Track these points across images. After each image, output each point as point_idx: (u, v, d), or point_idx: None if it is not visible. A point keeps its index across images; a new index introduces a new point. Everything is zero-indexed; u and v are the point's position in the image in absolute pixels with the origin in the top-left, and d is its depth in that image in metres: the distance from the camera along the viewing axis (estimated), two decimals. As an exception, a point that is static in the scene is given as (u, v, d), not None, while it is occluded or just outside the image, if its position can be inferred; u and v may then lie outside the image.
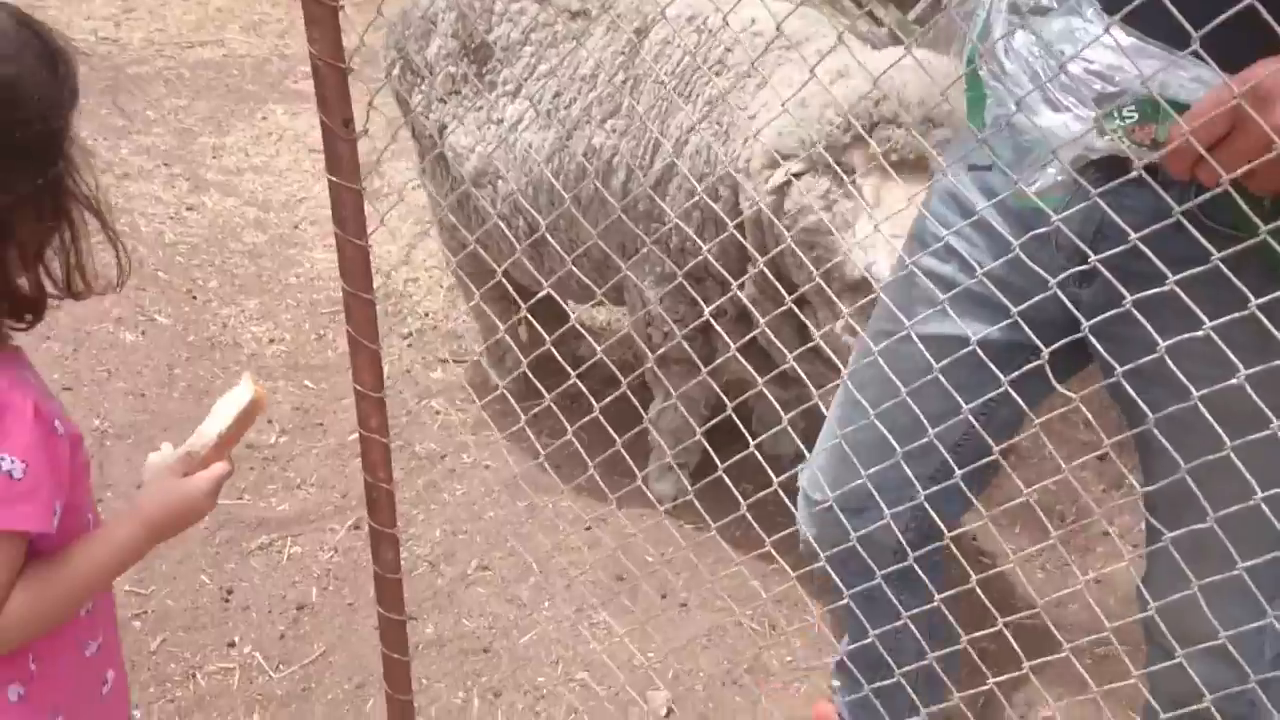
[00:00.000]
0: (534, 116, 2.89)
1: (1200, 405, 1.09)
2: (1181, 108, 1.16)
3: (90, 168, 1.25)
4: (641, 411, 3.06)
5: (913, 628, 1.44)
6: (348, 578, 2.89)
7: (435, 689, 2.59)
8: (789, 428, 1.58)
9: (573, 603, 2.81)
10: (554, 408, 2.01)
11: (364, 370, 1.72)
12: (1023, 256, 1.25)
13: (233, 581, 2.84)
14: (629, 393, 1.89)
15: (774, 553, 1.66)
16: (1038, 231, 1.27)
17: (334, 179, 1.55)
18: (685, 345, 2.65)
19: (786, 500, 1.71)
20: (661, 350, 2.82)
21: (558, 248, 2.86)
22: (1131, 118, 1.20)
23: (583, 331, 2.08)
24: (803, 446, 1.82)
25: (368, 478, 1.82)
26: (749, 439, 1.63)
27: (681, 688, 2.60)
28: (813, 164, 2.28)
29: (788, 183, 2.29)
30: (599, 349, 1.78)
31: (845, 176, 2.23)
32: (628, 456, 1.94)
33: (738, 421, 1.74)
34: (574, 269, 2.80)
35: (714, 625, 2.77)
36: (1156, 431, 1.17)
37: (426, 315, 3.94)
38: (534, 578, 2.89)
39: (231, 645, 2.69)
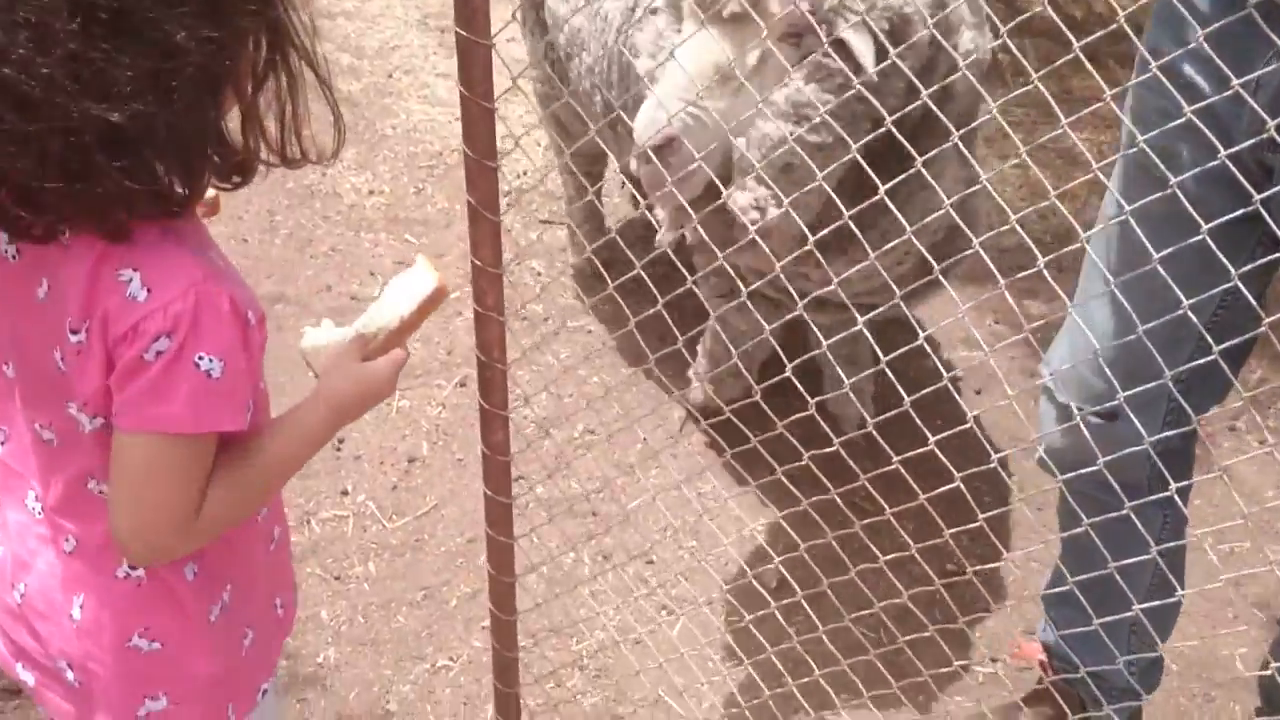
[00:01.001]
0: None
1: None
2: None
3: (308, 6, 1.15)
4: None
5: (1157, 557, 1.37)
6: (456, 434, 2.90)
7: (547, 548, 2.61)
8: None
9: (680, 471, 2.81)
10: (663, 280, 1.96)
11: (483, 244, 1.60)
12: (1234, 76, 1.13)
13: (344, 431, 2.86)
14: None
15: (932, 445, 1.60)
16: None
17: (464, 33, 1.42)
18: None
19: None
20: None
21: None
22: None
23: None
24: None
25: (481, 356, 1.74)
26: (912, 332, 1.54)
27: (790, 562, 2.61)
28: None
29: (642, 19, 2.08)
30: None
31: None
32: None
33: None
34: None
35: (824, 504, 2.75)
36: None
37: (524, 174, 3.86)
38: (640, 444, 2.88)
39: (345, 493, 2.73)
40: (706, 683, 2.20)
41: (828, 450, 1.61)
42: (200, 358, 1.12)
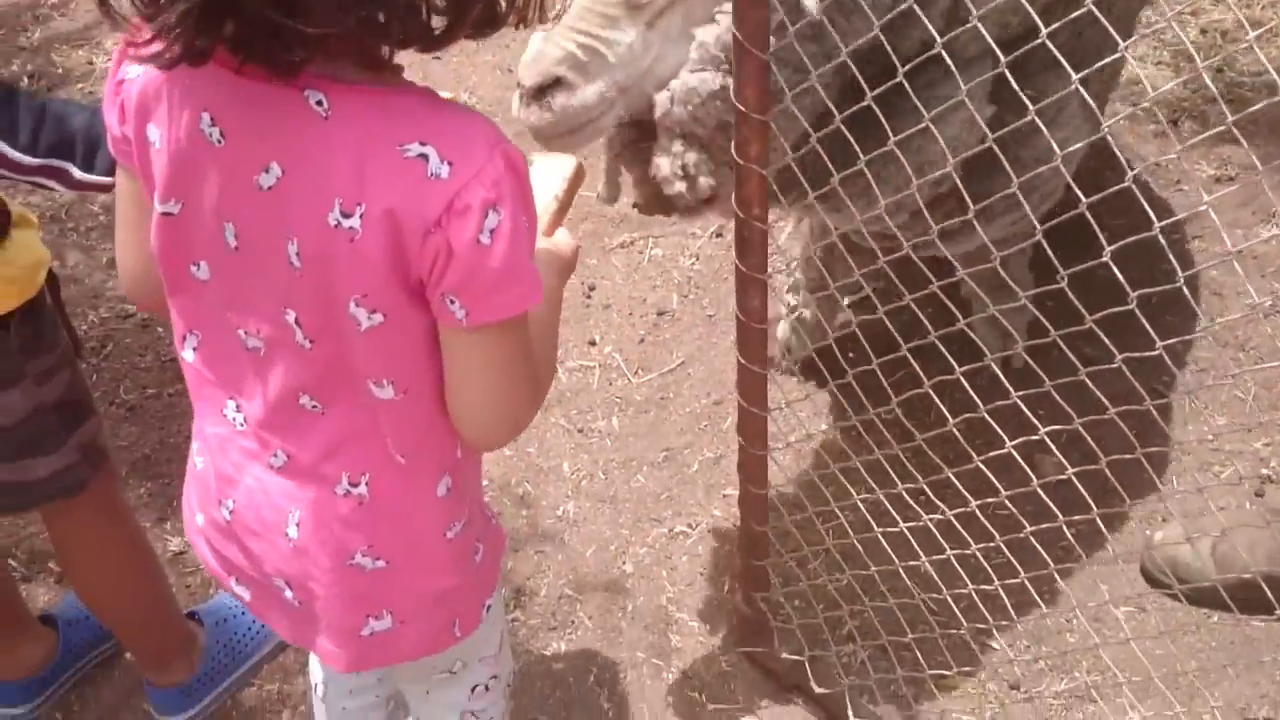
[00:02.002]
0: None
1: None
2: None
3: None
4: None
5: None
6: (707, 287, 2.73)
7: (797, 416, 2.42)
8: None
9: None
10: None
11: (748, 84, 1.46)
12: None
13: (594, 278, 2.75)
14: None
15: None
16: None
17: None
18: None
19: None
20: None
21: None
22: None
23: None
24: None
25: (739, 213, 1.61)
26: None
27: (1078, 454, 2.30)
28: None
29: None
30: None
31: None
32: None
33: None
34: None
35: (1120, 392, 2.42)
36: None
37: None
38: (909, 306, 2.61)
39: (592, 344, 2.63)
40: (973, 587, 1.98)
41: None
42: (524, 220, 1.02)
